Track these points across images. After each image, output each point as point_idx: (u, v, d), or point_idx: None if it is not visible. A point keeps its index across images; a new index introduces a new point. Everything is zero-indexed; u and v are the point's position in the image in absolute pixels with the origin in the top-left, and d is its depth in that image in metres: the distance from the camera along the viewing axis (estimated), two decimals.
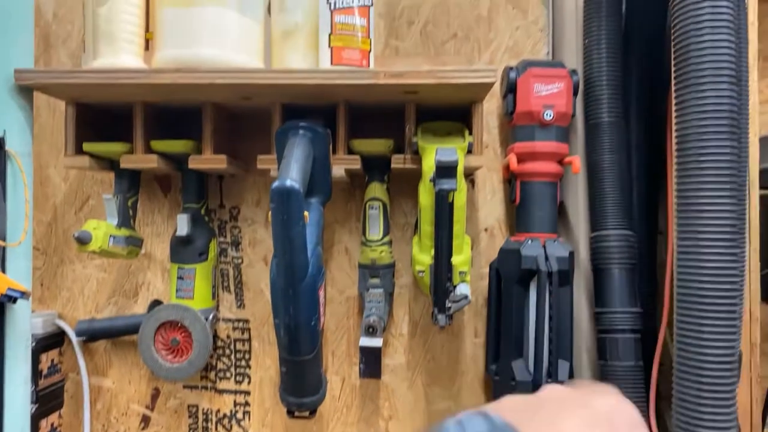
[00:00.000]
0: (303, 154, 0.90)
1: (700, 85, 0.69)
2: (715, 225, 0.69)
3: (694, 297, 0.70)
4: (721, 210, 0.69)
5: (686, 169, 0.72)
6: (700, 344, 0.70)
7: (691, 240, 0.71)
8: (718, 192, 0.69)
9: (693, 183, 0.70)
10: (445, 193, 0.84)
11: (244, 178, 1.19)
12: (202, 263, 1.09)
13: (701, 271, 0.70)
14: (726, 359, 0.69)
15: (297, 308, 0.89)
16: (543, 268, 1.00)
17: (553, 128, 1.05)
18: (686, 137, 0.71)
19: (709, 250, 0.69)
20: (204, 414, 1.19)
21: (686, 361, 0.71)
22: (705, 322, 0.69)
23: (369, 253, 1.08)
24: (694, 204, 0.71)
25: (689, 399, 0.70)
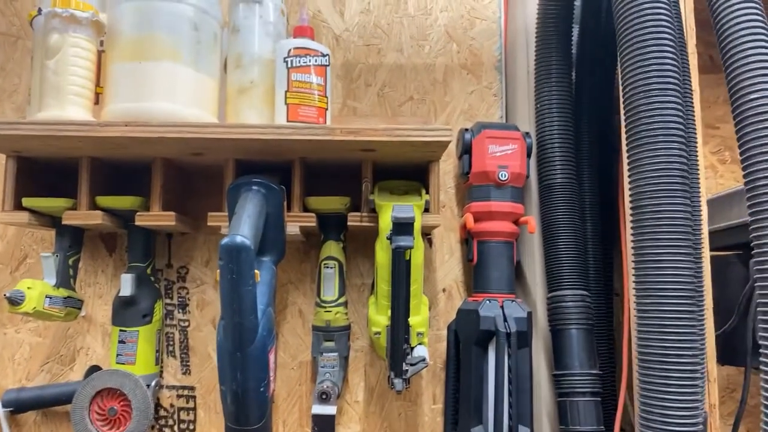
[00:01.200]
0: (256, 210, 0.87)
1: (653, 144, 0.70)
2: (674, 281, 0.69)
3: (657, 356, 0.69)
4: (679, 266, 0.69)
5: (642, 227, 0.72)
6: (664, 406, 0.68)
7: (651, 297, 0.70)
8: (675, 248, 0.69)
9: (649, 239, 0.71)
10: (402, 251, 0.82)
11: (194, 237, 1.15)
12: (146, 326, 1.03)
13: (663, 329, 0.69)
14: (692, 421, 0.67)
15: (245, 374, 0.84)
16: (501, 328, 0.98)
17: (508, 188, 1.06)
18: (641, 195, 0.72)
19: (670, 307, 0.69)
20: None
21: (650, 424, 0.69)
22: (669, 382, 0.68)
23: (323, 315, 1.04)
24: (651, 260, 0.70)
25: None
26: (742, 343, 1.04)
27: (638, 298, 0.73)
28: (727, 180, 1.35)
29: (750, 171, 0.67)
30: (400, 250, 0.82)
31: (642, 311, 0.71)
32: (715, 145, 1.34)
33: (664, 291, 0.70)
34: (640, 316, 0.72)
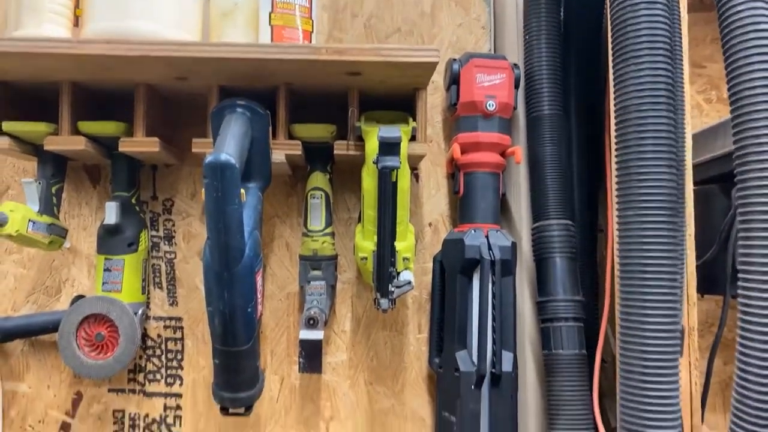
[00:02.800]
0: (240, 131, 0.87)
1: (638, 58, 0.70)
2: (655, 193, 0.70)
3: (637, 266, 0.70)
4: (661, 179, 0.70)
5: (626, 140, 0.72)
6: (643, 314, 0.69)
7: (633, 210, 0.71)
8: (657, 162, 0.70)
9: (633, 152, 0.71)
10: (388, 171, 0.82)
11: (179, 168, 1.14)
12: (132, 254, 1.03)
13: (643, 238, 0.70)
14: (669, 329, 0.68)
15: (232, 293, 0.85)
16: (486, 256, 1.00)
17: (495, 119, 1.05)
18: (626, 109, 0.72)
19: (650, 218, 0.70)
20: (131, 419, 1.11)
21: (630, 332, 0.70)
22: (648, 290, 0.69)
23: (310, 244, 1.05)
24: (634, 174, 0.71)
25: (634, 371, 0.70)
26: (722, 272, 1.06)
27: (620, 209, 0.73)
28: (713, 119, 1.36)
29: (736, 92, 0.67)
30: (386, 170, 0.82)
31: (623, 222, 0.72)
32: (701, 85, 1.34)
33: (644, 201, 0.70)
34: (621, 227, 0.73)
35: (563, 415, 0.98)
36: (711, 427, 1.19)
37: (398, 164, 0.82)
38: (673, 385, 0.68)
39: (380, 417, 1.13)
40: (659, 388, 0.68)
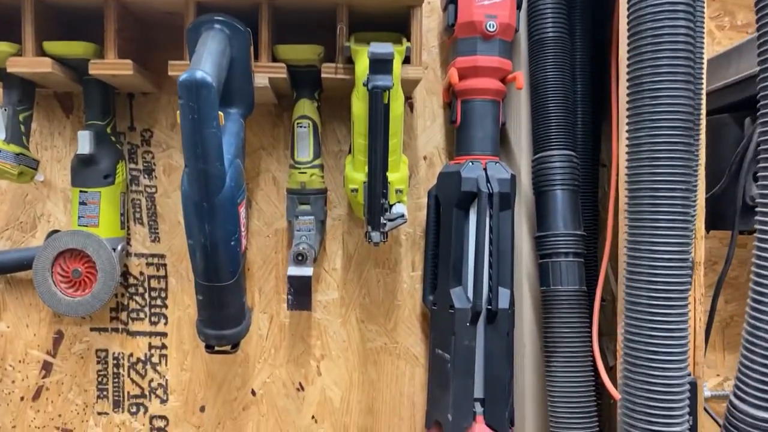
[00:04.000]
0: (218, 49, 0.79)
1: None
2: (670, 111, 0.63)
3: (647, 192, 0.65)
4: (677, 95, 0.63)
5: (640, 53, 0.65)
6: (652, 242, 0.64)
7: (645, 130, 0.65)
8: (673, 77, 0.64)
9: (647, 66, 0.65)
10: (380, 91, 0.76)
11: (158, 97, 1.07)
12: (108, 187, 0.97)
13: (655, 161, 0.64)
14: (680, 258, 0.64)
15: (213, 225, 0.79)
16: (484, 189, 0.94)
17: (496, 41, 0.98)
18: (640, 18, 0.65)
19: (664, 139, 0.64)
20: (115, 359, 1.07)
21: (638, 262, 0.66)
22: (659, 218, 0.64)
23: (298, 177, 0.99)
24: (648, 90, 0.65)
25: (640, 304, 0.65)
26: (731, 207, 1.01)
27: (631, 126, 0.67)
28: (724, 47, 1.27)
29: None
30: (377, 90, 0.76)
31: (634, 143, 0.66)
32: (714, 10, 1.25)
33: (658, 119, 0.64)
34: (632, 148, 0.67)
35: (561, 352, 0.95)
36: (709, 365, 1.17)
37: (390, 84, 0.75)
38: (682, 318, 0.63)
39: (372, 355, 1.09)
40: (668, 321, 0.63)
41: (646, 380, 0.64)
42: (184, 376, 1.08)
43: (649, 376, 0.64)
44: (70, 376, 1.07)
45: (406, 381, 1.10)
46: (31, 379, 1.06)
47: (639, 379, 0.65)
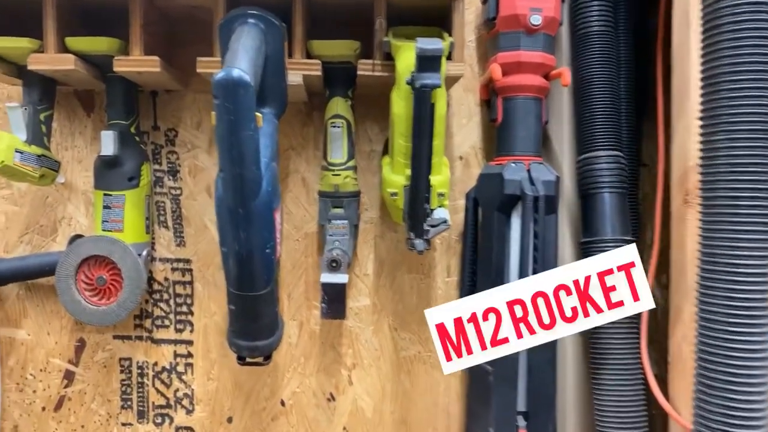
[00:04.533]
0: (253, 45, 0.75)
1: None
2: (751, 113, 0.58)
3: (726, 199, 0.60)
4: (760, 95, 0.58)
5: (718, 50, 0.60)
6: (732, 254, 0.59)
7: (722, 133, 0.60)
8: (755, 75, 0.59)
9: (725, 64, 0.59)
10: (428, 91, 0.71)
11: (182, 95, 1.02)
12: (133, 190, 0.93)
13: (734, 167, 0.59)
14: (762, 272, 0.59)
15: (249, 232, 0.75)
16: (528, 192, 0.89)
17: (540, 36, 0.92)
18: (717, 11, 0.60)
19: (743, 143, 0.59)
20: (139, 368, 1.03)
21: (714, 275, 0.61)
22: (739, 226, 0.59)
23: (331, 179, 0.94)
24: (725, 90, 0.60)
25: (717, 321, 0.61)
26: None
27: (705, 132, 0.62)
28: None
29: None
30: (426, 90, 0.71)
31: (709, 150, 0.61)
32: None
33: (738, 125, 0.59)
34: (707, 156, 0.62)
35: (610, 363, 0.90)
36: None
37: (439, 82, 0.70)
38: (765, 338, 0.58)
39: (406, 364, 1.05)
40: (749, 341, 0.59)
41: (724, 405, 0.60)
42: (210, 385, 1.04)
43: (728, 400, 0.59)
44: (93, 386, 1.03)
45: (441, 391, 1.05)
46: (52, 389, 1.02)
47: (716, 403, 0.60)
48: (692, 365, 0.83)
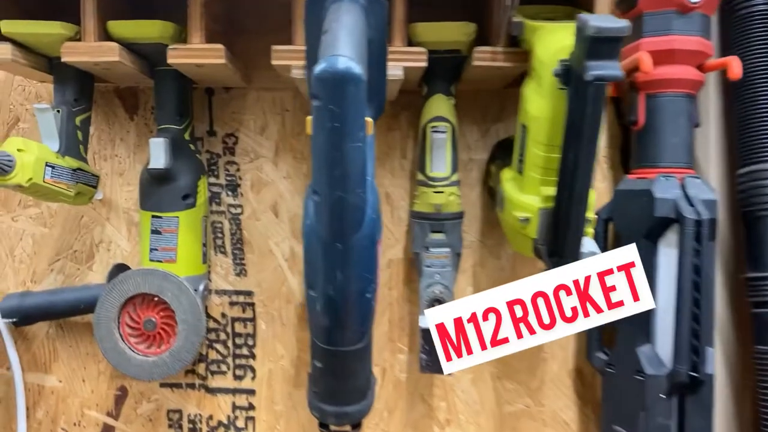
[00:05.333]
0: (357, 26, 0.56)
1: None
2: None
3: None
4: None
5: None
6: None
7: None
8: None
9: None
10: (603, 85, 0.52)
11: (243, 94, 0.84)
12: (189, 210, 0.75)
13: None
14: None
15: (347, 272, 0.57)
16: (689, 215, 0.70)
17: (696, 16, 0.73)
18: None
19: None
20: (191, 422, 0.86)
21: None
22: None
23: (432, 197, 0.75)
24: None
25: None
26: None
27: None
28: None
29: None
30: (600, 83, 0.51)
31: None
32: None
33: None
34: None
35: None
36: None
37: (620, 73, 0.51)
38: None
39: (511, 421, 0.86)
40: None
41: None
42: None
43: None
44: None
45: None
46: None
47: None
48: None
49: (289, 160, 0.84)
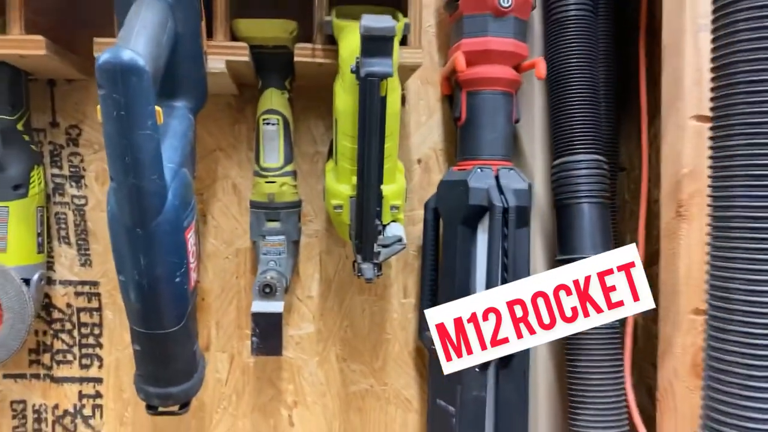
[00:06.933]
0: (154, 20, 0.59)
1: None
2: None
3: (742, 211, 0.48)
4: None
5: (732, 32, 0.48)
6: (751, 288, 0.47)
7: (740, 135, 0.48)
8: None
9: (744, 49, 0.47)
10: (377, 80, 0.57)
11: (87, 86, 0.85)
12: (20, 200, 0.76)
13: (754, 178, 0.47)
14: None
15: (151, 257, 0.60)
16: (497, 203, 0.76)
17: (510, 20, 0.79)
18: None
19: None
20: (35, 412, 0.86)
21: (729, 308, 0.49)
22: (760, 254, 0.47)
23: (265, 187, 0.79)
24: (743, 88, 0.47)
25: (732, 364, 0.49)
26: None
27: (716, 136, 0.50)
28: None
29: None
30: (373, 79, 0.56)
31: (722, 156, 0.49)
32: None
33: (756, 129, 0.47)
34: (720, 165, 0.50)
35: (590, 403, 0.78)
36: None
37: (390, 70, 0.56)
38: None
39: (356, 400, 0.91)
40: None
41: None
42: (124, 431, 0.87)
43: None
44: None
45: (396, 429, 0.91)
46: None
47: None
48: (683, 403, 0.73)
49: None
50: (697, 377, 0.71)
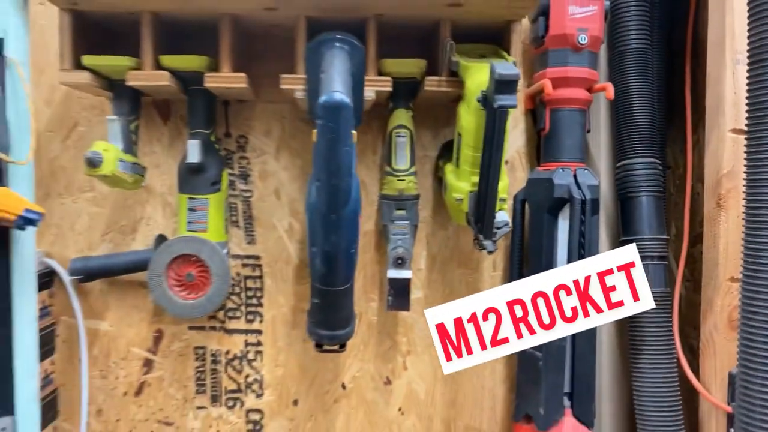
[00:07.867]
0: (345, 68, 0.83)
1: None
2: None
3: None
4: None
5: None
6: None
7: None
8: None
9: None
10: (506, 111, 0.80)
11: (252, 105, 1.10)
12: (216, 194, 1.01)
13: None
14: None
15: (338, 235, 0.84)
16: (577, 196, 0.99)
17: (585, 53, 1.02)
18: None
19: None
20: (212, 356, 1.12)
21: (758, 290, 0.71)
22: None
23: (396, 184, 1.03)
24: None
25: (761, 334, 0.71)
26: None
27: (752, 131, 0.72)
28: None
29: None
30: (503, 110, 0.80)
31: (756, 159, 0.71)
32: None
33: None
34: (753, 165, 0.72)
35: (648, 349, 1.01)
36: None
37: (516, 103, 0.80)
38: None
39: None
40: None
41: None
42: (278, 371, 1.13)
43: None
44: (170, 373, 1.12)
45: (486, 375, 1.15)
46: (133, 376, 1.11)
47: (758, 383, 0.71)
48: (721, 350, 0.95)
49: (288, 156, 1.11)
50: (732, 330, 0.93)
